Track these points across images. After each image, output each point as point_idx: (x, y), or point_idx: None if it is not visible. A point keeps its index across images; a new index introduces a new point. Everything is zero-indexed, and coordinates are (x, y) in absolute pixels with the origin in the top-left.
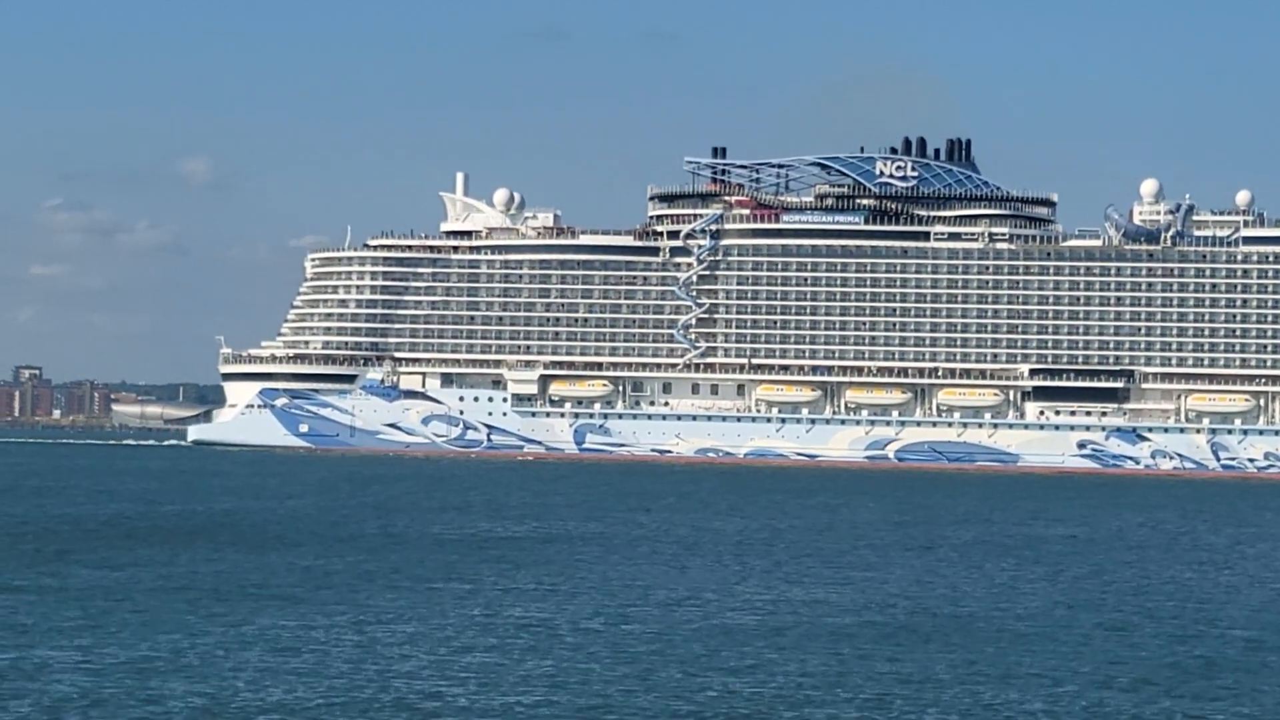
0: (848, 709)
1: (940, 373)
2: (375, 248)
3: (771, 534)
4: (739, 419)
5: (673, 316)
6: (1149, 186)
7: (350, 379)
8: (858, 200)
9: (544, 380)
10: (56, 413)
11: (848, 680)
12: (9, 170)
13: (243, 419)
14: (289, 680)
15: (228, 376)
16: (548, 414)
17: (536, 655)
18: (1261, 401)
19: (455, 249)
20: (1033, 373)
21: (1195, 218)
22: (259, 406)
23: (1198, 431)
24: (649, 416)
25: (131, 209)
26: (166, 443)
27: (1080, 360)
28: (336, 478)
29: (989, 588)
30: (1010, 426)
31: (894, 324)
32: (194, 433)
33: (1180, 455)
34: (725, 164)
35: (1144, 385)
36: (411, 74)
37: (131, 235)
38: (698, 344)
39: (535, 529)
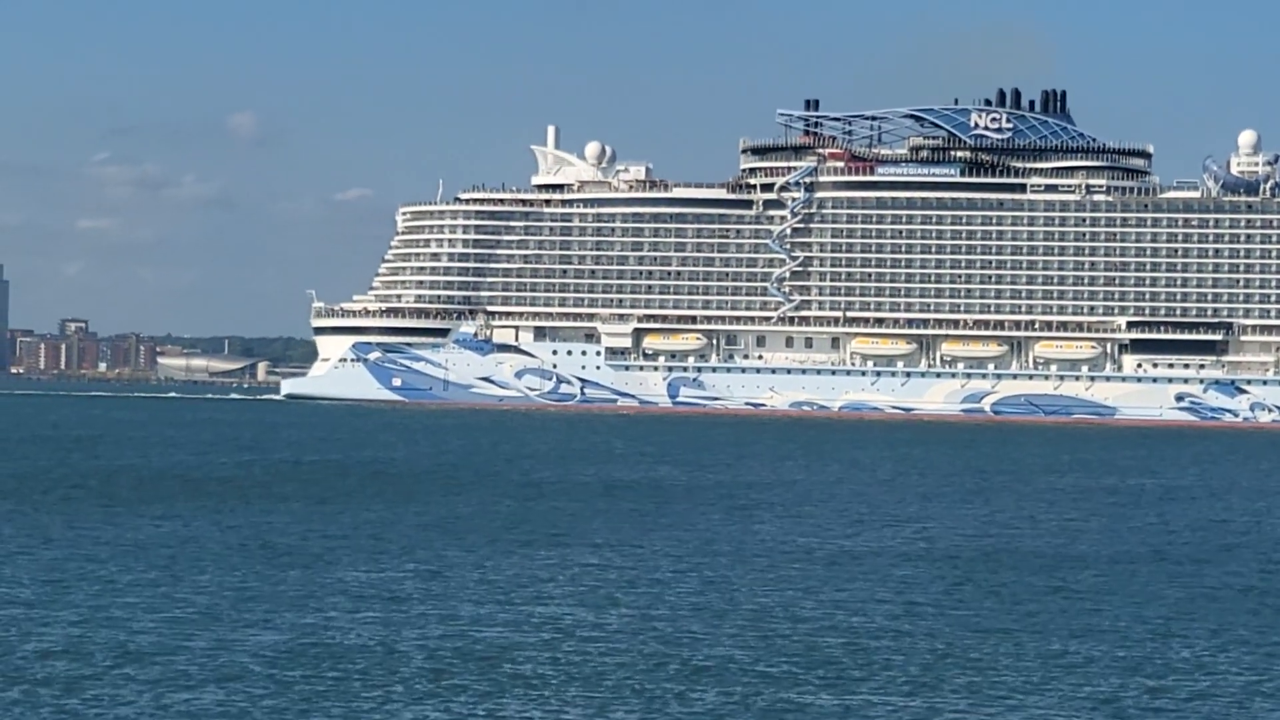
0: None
1: (1037, 325)
2: (467, 201)
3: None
4: (833, 372)
5: (766, 270)
6: (1247, 138)
7: (443, 333)
8: (952, 152)
9: (637, 334)
10: (102, 366)
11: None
12: (58, 125)
13: (335, 373)
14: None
15: (320, 330)
16: (641, 367)
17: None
18: None
19: (547, 202)
20: (1130, 325)
21: None
22: (352, 361)
23: None
24: (743, 370)
25: (179, 163)
26: (260, 397)
27: (1178, 313)
28: (462, 429)
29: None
30: (1107, 379)
31: (990, 277)
32: (287, 387)
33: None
34: (818, 116)
35: (1242, 337)
36: (500, 27)
37: (179, 189)
38: (791, 297)
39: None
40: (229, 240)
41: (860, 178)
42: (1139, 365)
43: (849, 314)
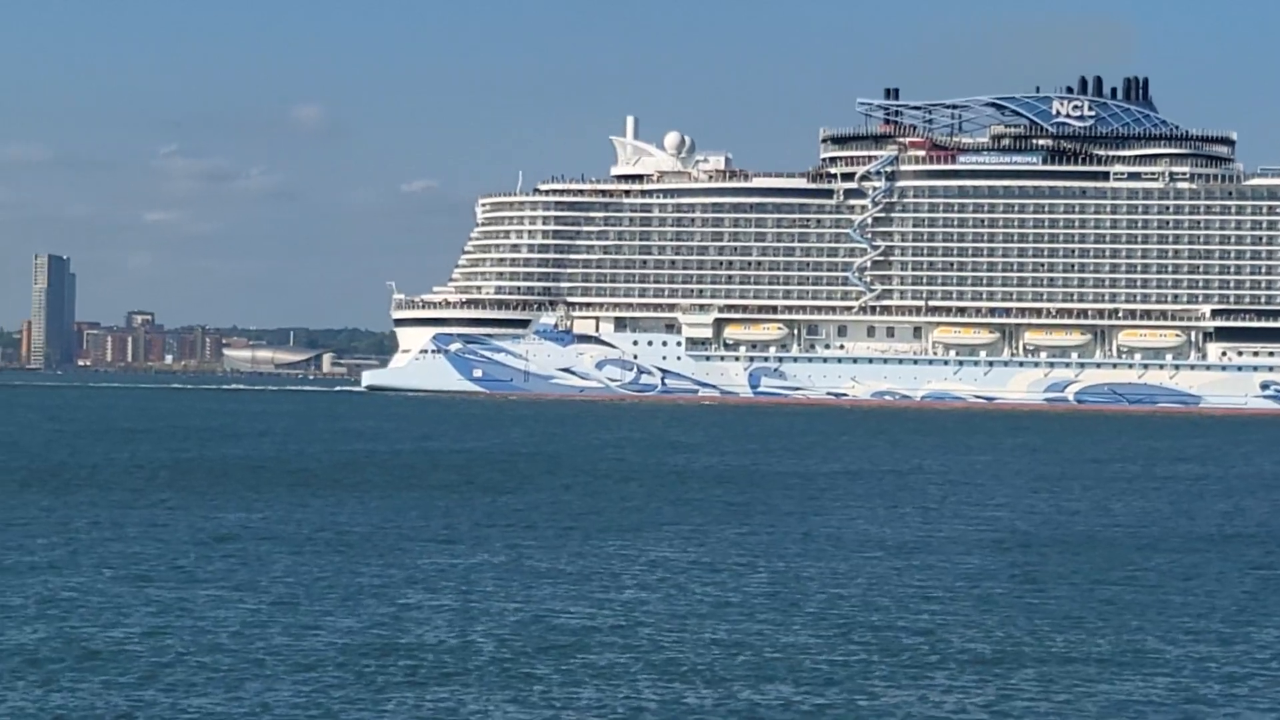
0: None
1: (1120, 314)
2: (546, 192)
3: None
4: (915, 361)
5: (847, 259)
6: None
7: (523, 324)
8: (1034, 140)
9: (718, 324)
10: (169, 358)
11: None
12: (125, 118)
13: (416, 364)
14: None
15: (400, 322)
16: (722, 358)
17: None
18: None
19: (627, 193)
20: (1214, 313)
21: None
22: (432, 352)
23: None
24: (824, 360)
25: (245, 155)
26: (337, 389)
27: (1262, 300)
28: (543, 419)
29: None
30: (1191, 368)
31: (1073, 265)
32: (368, 378)
33: None
34: (898, 105)
35: None
36: (577, 17)
37: (245, 181)
38: (873, 286)
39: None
40: (294, 232)
41: (941, 166)
42: (1223, 353)
43: (931, 303)
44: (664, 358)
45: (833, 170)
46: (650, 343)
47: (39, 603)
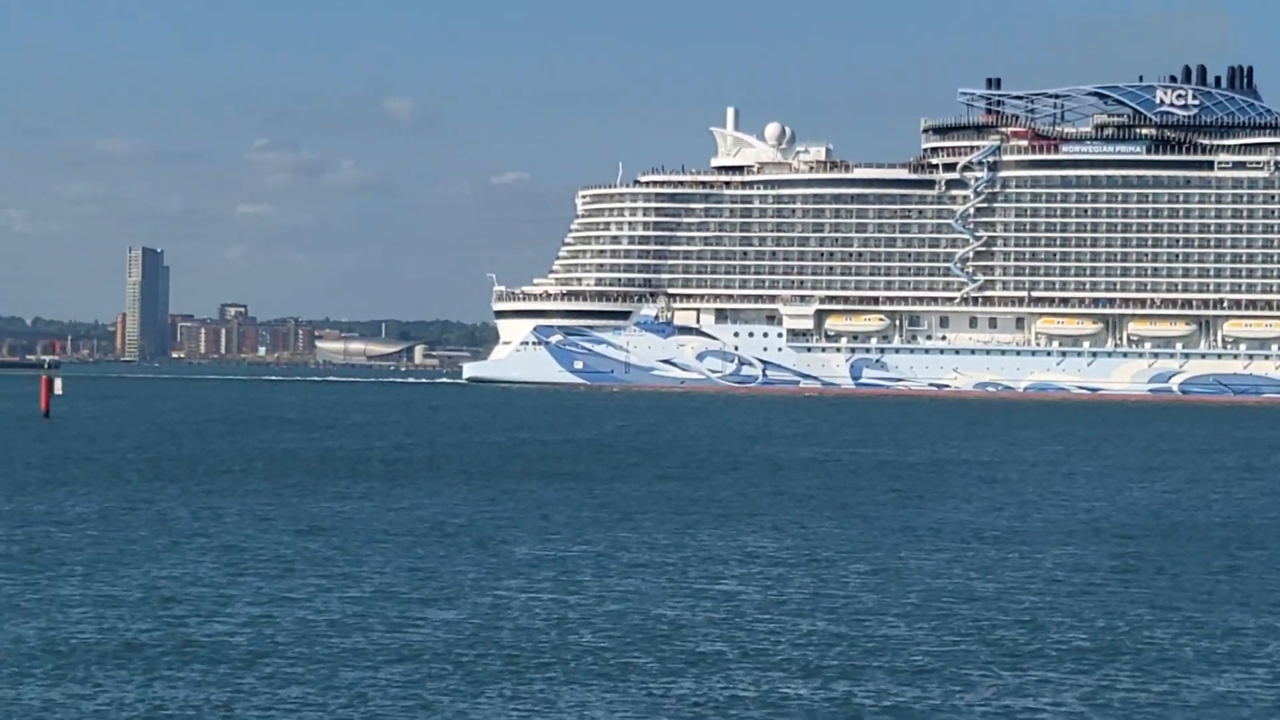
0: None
1: (1225, 304)
2: (647, 184)
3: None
4: (1018, 352)
5: (949, 250)
6: None
7: (624, 315)
8: (1138, 130)
9: (819, 315)
10: (261, 350)
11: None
12: (219, 112)
13: (517, 356)
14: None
15: (501, 314)
16: (823, 349)
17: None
18: None
19: (727, 184)
20: None
21: None
22: (533, 344)
23: None
24: (926, 351)
25: (337, 148)
26: (440, 380)
27: None
28: (642, 410)
29: None
30: None
31: (1177, 255)
32: (469, 370)
33: None
34: (1000, 95)
35: None
36: (679, 8)
37: (337, 174)
38: (975, 277)
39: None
40: (386, 224)
41: (1044, 156)
42: None
43: (1034, 294)
44: (765, 349)
45: (934, 160)
46: (751, 334)
47: (141, 592)
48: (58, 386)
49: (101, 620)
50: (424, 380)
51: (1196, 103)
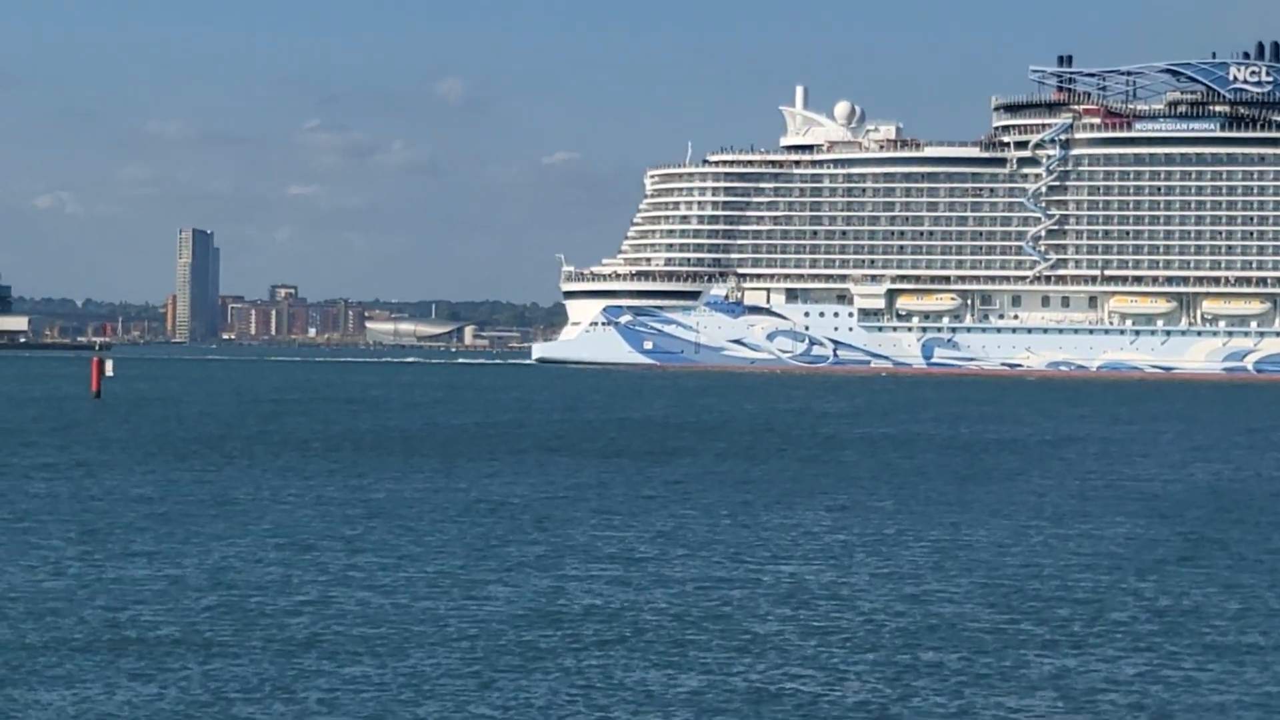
0: None
1: None
2: (716, 164)
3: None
4: (1091, 331)
5: (1021, 228)
6: None
7: (693, 295)
8: (1211, 107)
9: (891, 294)
10: (312, 331)
11: None
12: (271, 93)
13: (587, 336)
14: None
15: (569, 294)
16: (895, 329)
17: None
18: None
19: (797, 163)
20: None
21: None
22: (603, 324)
23: None
24: (998, 330)
25: (387, 129)
26: (510, 361)
27: None
28: (717, 389)
29: None
30: None
31: (1251, 233)
32: (538, 351)
33: None
34: (1072, 72)
35: None
36: None
37: (387, 155)
38: (1047, 256)
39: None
40: (435, 205)
41: (1117, 134)
42: None
43: (1107, 272)
44: (835, 329)
45: (1005, 139)
46: (822, 314)
47: (204, 572)
48: (109, 368)
49: (165, 599)
50: (495, 361)
51: (1270, 79)
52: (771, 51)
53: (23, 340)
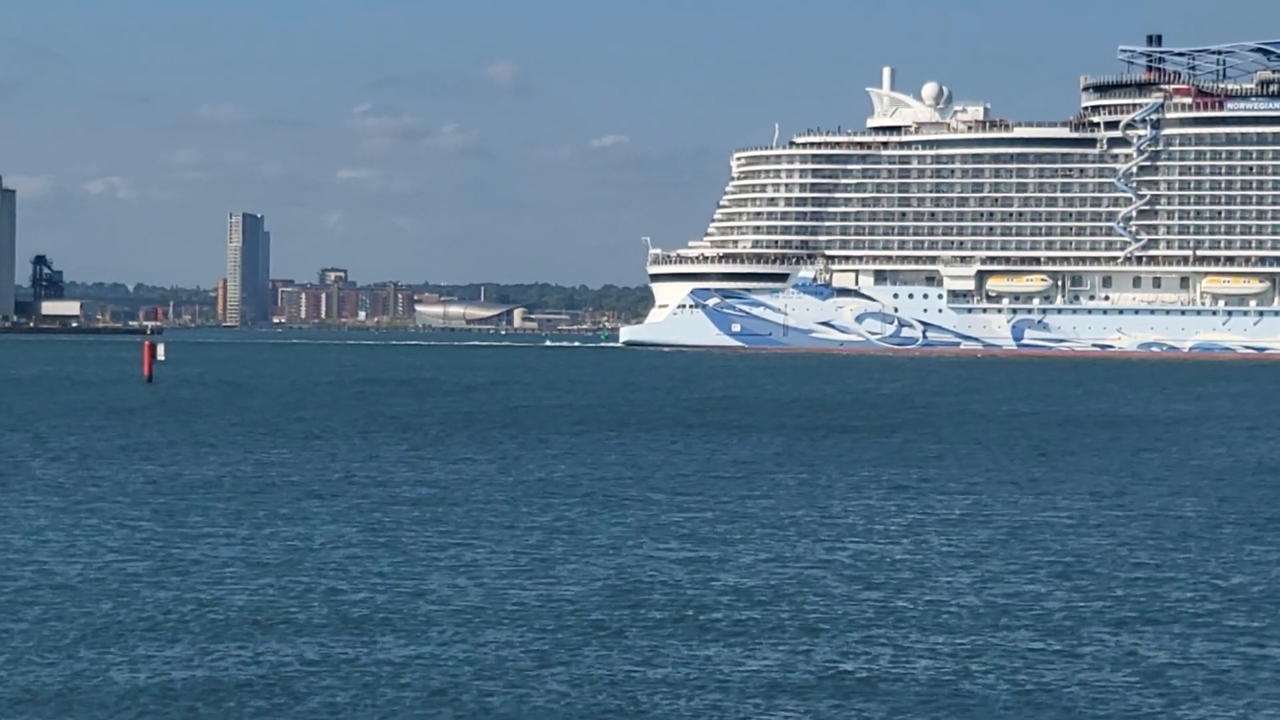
0: None
1: None
2: (803, 145)
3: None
4: (1183, 312)
5: (1111, 209)
6: None
7: (781, 278)
8: None
9: (980, 276)
10: (361, 314)
11: None
12: (322, 77)
13: (674, 319)
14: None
15: (656, 277)
16: (984, 310)
17: None
18: None
19: (884, 145)
20: None
21: None
22: (690, 307)
23: None
24: (1089, 311)
25: (438, 113)
26: (601, 344)
27: None
28: (807, 370)
29: None
30: None
31: None
32: (626, 334)
33: None
34: (1161, 52)
35: None
36: None
37: (437, 139)
38: (1138, 236)
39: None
40: (485, 189)
41: (1208, 114)
42: None
43: (1199, 253)
44: (925, 310)
45: (1095, 119)
46: (911, 295)
47: (284, 554)
48: (160, 352)
49: (242, 580)
50: (570, 344)
51: None
52: (857, 32)
53: (75, 325)
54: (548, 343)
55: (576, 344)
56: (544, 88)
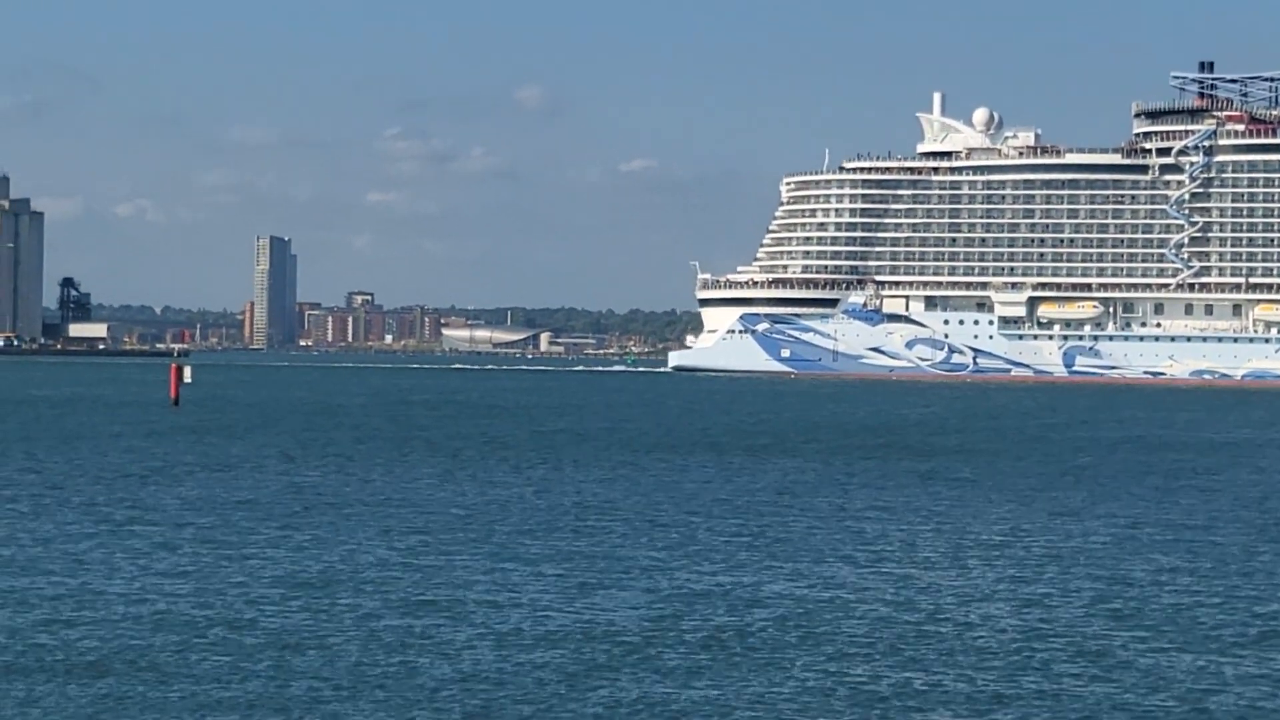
0: None
1: None
2: (853, 170)
3: None
4: (1236, 340)
5: (1163, 236)
6: None
7: (831, 303)
8: None
9: (1032, 302)
10: (388, 338)
11: None
12: (352, 100)
13: (724, 344)
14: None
15: (705, 302)
16: (1035, 337)
17: None
18: None
19: (935, 170)
20: None
21: None
22: (739, 332)
23: None
24: (1141, 338)
25: (467, 136)
26: (638, 368)
27: None
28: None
29: None
30: None
31: None
32: (675, 359)
33: None
34: (1213, 78)
35: None
36: None
37: (466, 162)
38: (1190, 263)
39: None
40: (513, 212)
41: (1262, 140)
42: None
43: (1251, 280)
44: (975, 337)
45: (1147, 145)
46: (961, 321)
47: (321, 575)
48: (187, 374)
49: (281, 602)
50: (616, 368)
51: None
52: (907, 57)
53: (102, 347)
54: (579, 367)
55: (618, 368)
56: (574, 111)
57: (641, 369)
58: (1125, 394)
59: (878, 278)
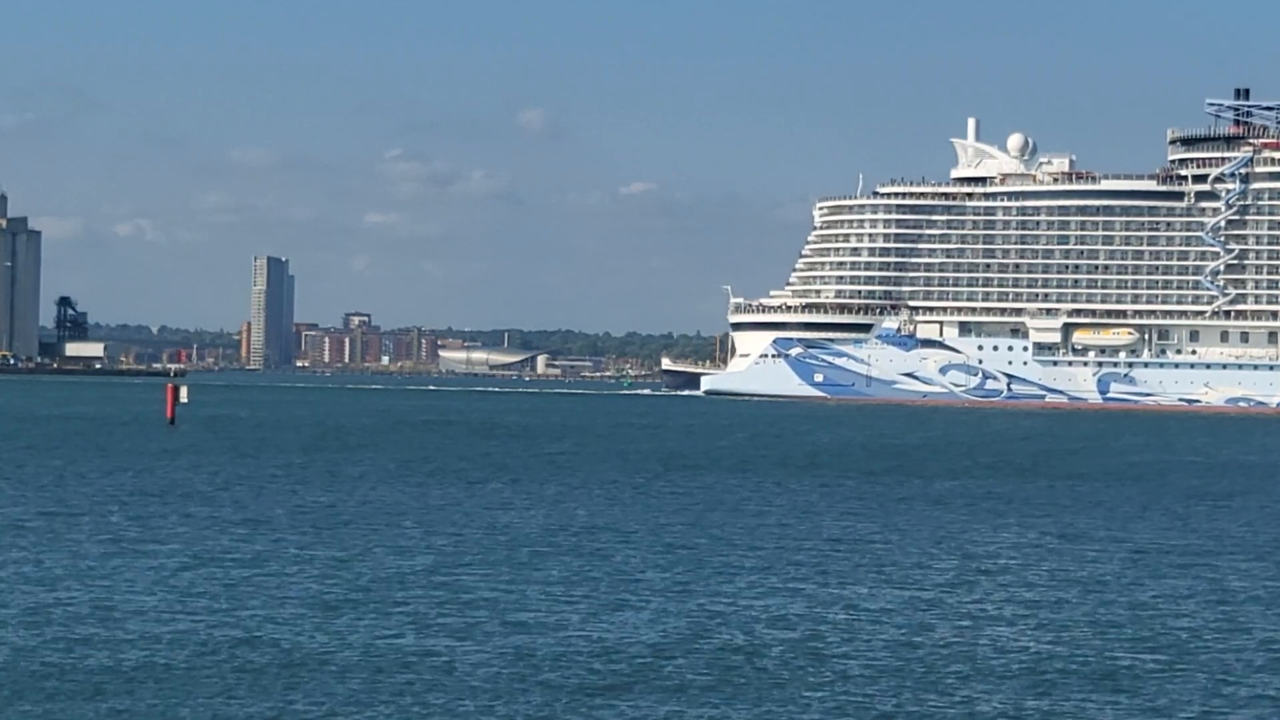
0: None
1: None
2: (886, 195)
3: None
4: (1271, 367)
5: (1199, 263)
6: None
7: (865, 328)
8: None
9: (1066, 329)
10: (385, 359)
11: None
12: (353, 122)
13: (756, 369)
14: None
15: (738, 326)
16: (1070, 363)
17: None
18: None
19: (969, 195)
20: None
21: None
22: (772, 356)
23: None
24: (1176, 365)
25: (468, 158)
26: (667, 392)
27: None
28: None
29: None
30: None
31: None
32: (707, 383)
33: None
34: (1249, 105)
35: None
36: (915, 16)
37: (467, 184)
38: (1226, 291)
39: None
40: (512, 234)
41: None
42: None
43: None
44: (1009, 363)
45: (1182, 172)
46: (996, 347)
47: (337, 594)
48: (183, 394)
49: (292, 620)
50: (640, 391)
51: None
52: (942, 82)
53: (98, 366)
54: (636, 390)
55: (646, 391)
56: (575, 134)
57: (647, 390)
58: (1166, 420)
59: (911, 303)
